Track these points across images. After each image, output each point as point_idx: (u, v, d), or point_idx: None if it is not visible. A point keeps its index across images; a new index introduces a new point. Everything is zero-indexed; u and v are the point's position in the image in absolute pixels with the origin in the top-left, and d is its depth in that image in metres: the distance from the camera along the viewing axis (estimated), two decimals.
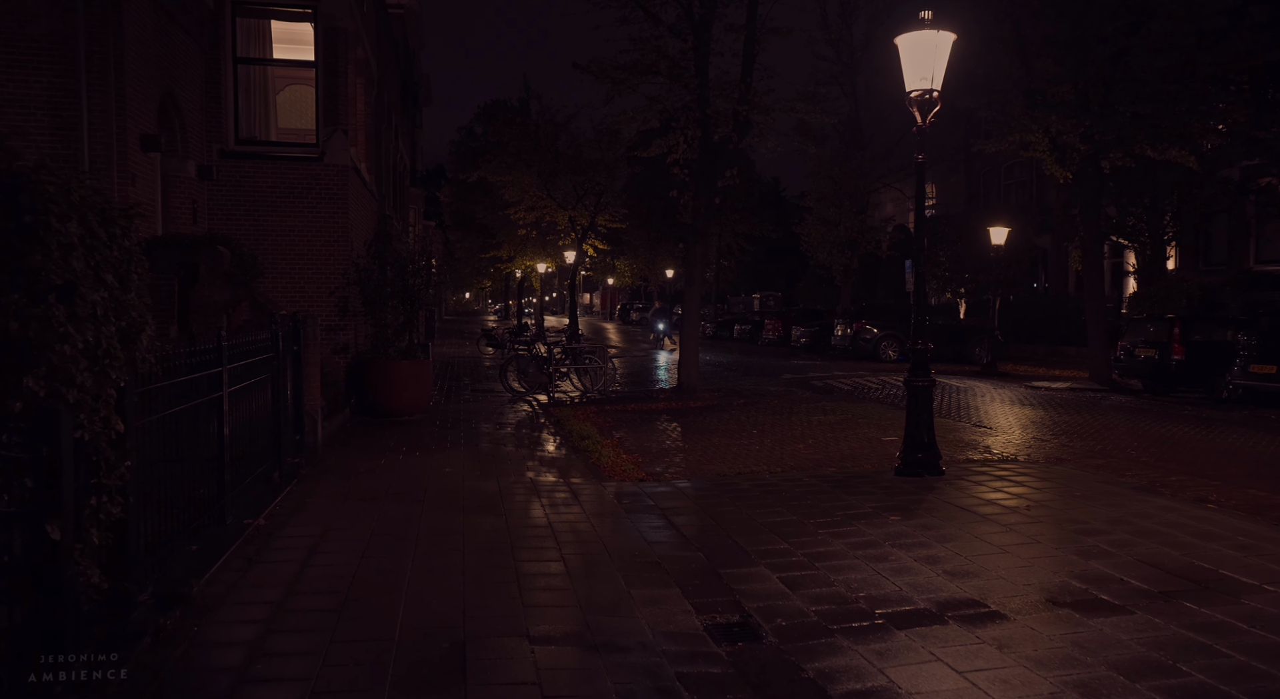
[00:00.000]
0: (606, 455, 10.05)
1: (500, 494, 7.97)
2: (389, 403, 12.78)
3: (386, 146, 21.83)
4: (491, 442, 11.10)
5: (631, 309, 70.48)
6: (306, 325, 9.86)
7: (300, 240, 12.76)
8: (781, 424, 12.97)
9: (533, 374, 16.50)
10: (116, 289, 4.33)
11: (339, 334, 12.92)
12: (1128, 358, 17.09)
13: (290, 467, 8.63)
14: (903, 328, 27.16)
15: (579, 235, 31.16)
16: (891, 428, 12.48)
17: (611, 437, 11.83)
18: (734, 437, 11.84)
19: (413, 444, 10.66)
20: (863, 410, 14.43)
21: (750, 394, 16.93)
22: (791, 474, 9.00)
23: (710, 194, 16.53)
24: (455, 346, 32.87)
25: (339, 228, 12.87)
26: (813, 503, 7.49)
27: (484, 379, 19.89)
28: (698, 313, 16.74)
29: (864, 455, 10.25)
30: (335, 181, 12.83)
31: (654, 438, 11.89)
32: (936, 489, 7.94)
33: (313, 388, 9.97)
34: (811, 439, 11.53)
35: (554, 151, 30.17)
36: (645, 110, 16.47)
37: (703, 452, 10.73)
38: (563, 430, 12.10)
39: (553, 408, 14.76)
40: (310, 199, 12.78)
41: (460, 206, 58.30)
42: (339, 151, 12.84)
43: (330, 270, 12.88)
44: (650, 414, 14.34)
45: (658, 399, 16.13)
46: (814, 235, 30.58)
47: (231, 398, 6.71)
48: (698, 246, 16.46)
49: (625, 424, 13.16)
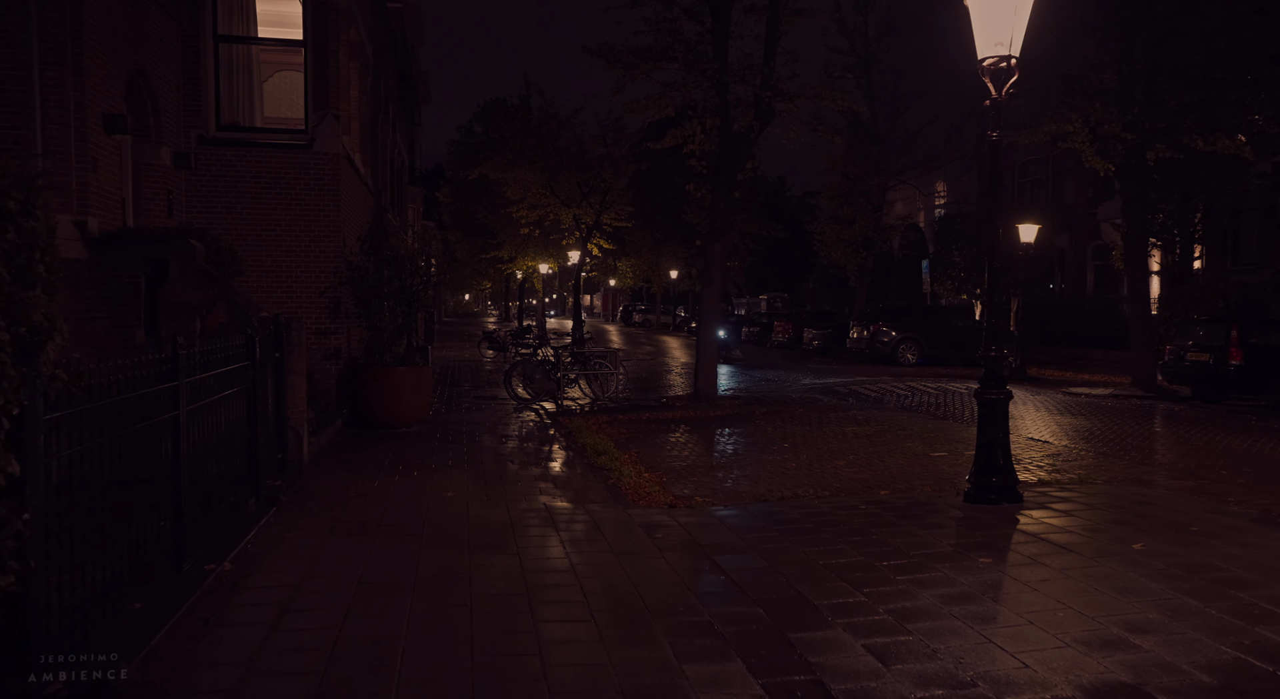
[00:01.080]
0: (627, 475, 8.95)
1: (511, 525, 6.86)
2: (385, 413, 11.67)
3: (384, 140, 20.73)
4: (497, 458, 10.00)
5: (634, 311, 69.40)
6: (291, 329, 8.76)
7: (287, 235, 11.66)
8: (814, 436, 11.87)
9: (539, 380, 15.40)
10: (9, 283, 3.23)
11: (330, 338, 11.82)
12: (1175, 362, 15.98)
13: (270, 491, 7.52)
14: (922, 330, 26.10)
15: (583, 234, 30.07)
16: (936, 441, 11.38)
17: (629, 451, 10.74)
18: (765, 451, 10.73)
19: (410, 461, 9.54)
20: (898, 421, 13.32)
21: (772, 402, 15.82)
22: (842, 499, 7.89)
23: (730, 188, 15.44)
24: (455, 349, 31.77)
25: (330, 222, 11.77)
26: (879, 538, 6.38)
27: (486, 385, 18.79)
28: (716, 315, 15.64)
29: (916, 475, 9.14)
30: (326, 171, 11.73)
31: (676, 452, 10.78)
32: (1019, 521, 6.82)
33: (298, 399, 8.86)
34: (852, 454, 10.42)
35: (557, 148, 29.08)
36: (660, 98, 15.37)
37: (734, 469, 9.63)
38: (575, 444, 11.00)
39: (562, 417, 13.66)
40: (299, 191, 11.67)
41: (460, 207, 57.26)
42: (330, 138, 11.74)
43: (321, 268, 11.78)
44: (667, 425, 13.23)
45: (674, 407, 15.03)
46: (827, 234, 29.48)
47: (192, 416, 5.60)
48: (716, 244, 15.36)
49: (642, 436, 12.06)
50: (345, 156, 12.23)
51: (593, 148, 29.67)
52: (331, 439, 10.80)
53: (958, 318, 27.36)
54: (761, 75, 14.64)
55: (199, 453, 5.84)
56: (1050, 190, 38.03)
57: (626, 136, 29.31)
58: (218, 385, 6.32)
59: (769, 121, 15.08)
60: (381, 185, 20.31)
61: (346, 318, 12.10)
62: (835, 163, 28.62)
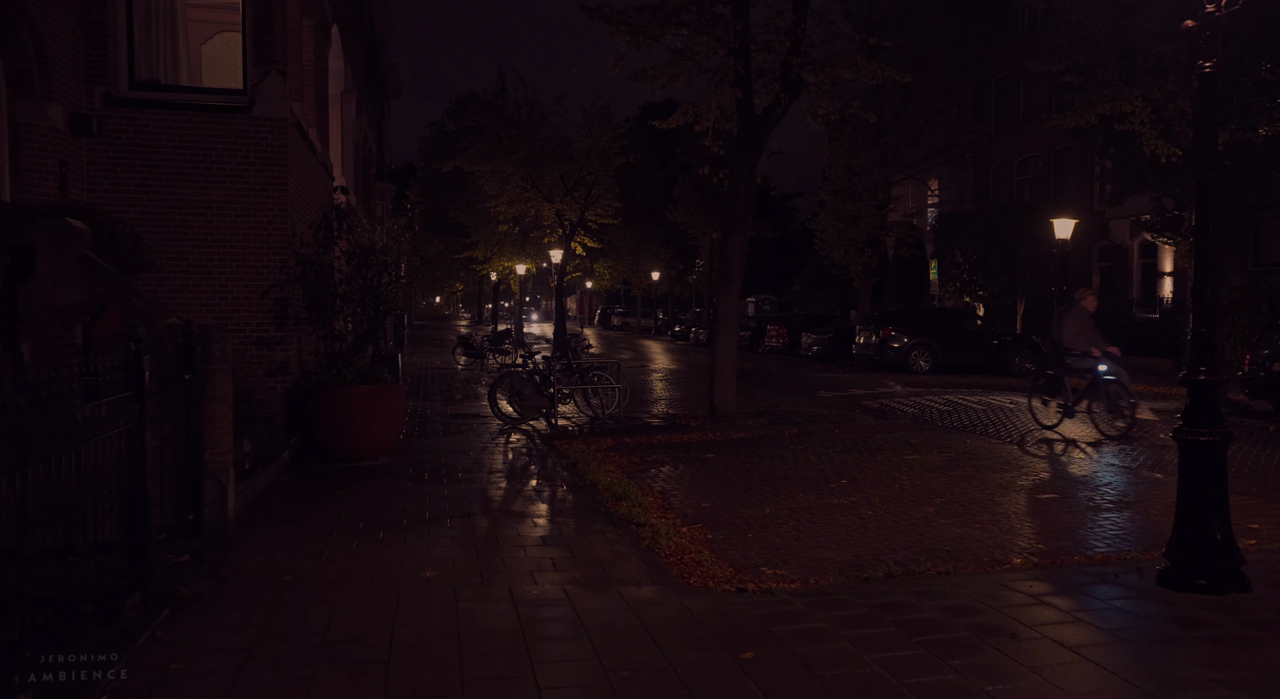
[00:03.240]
0: (664, 533, 6.73)
1: (521, 636, 4.61)
2: (344, 444, 9.37)
3: (349, 120, 18.37)
4: (488, 507, 7.73)
5: (612, 313, 67.15)
6: (211, 341, 6.46)
7: (221, 221, 9.32)
8: (869, 467, 9.72)
9: (529, 396, 13.11)
10: None
11: (274, 349, 9.49)
12: (1255, 373, 14.02)
13: (168, 577, 5.24)
14: (935, 335, 24.10)
15: (567, 232, 27.83)
16: (1025, 474, 9.25)
17: (652, 491, 8.53)
18: (820, 490, 8.54)
19: (375, 514, 7.25)
20: (961, 446, 11.20)
21: (799, 420, 13.65)
22: (969, 577, 5.72)
23: (751, 172, 13.26)
24: (427, 356, 29.36)
25: (275, 205, 9.45)
26: (1098, 665, 4.21)
27: (464, 398, 16.47)
28: (735, 320, 13.45)
29: (1039, 531, 7.01)
30: (270, 141, 9.40)
31: (711, 493, 8.57)
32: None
33: (220, 435, 6.56)
34: (935, 496, 8.26)
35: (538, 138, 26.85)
36: (670, 68, 13.17)
37: (795, 520, 7.43)
38: (583, 481, 8.76)
39: (559, 442, 11.41)
40: (235, 165, 9.34)
41: (431, 206, 54.81)
42: (274, 100, 9.42)
43: (263, 262, 9.46)
44: (687, 451, 11.03)
45: (688, 428, 12.82)
46: (829, 233, 27.42)
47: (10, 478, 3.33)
48: (735, 236, 13.17)
49: (660, 467, 9.85)
50: (295, 125, 9.91)
51: (577, 138, 27.49)
52: (275, 479, 8.48)
53: (970, 322, 25.40)
54: (790, 39, 12.48)
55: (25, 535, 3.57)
56: (1052, 188, 36.33)
57: (614, 125, 27.15)
58: (72, 430, 4.04)
59: (798, 95, 12.93)
60: (347, 172, 17.96)
61: (296, 324, 9.78)
62: (839, 156, 26.58)
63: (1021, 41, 37.69)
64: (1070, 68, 15.53)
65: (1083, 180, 35.02)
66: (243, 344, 9.35)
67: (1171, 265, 31.86)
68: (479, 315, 68.19)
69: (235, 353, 9.22)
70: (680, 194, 45.31)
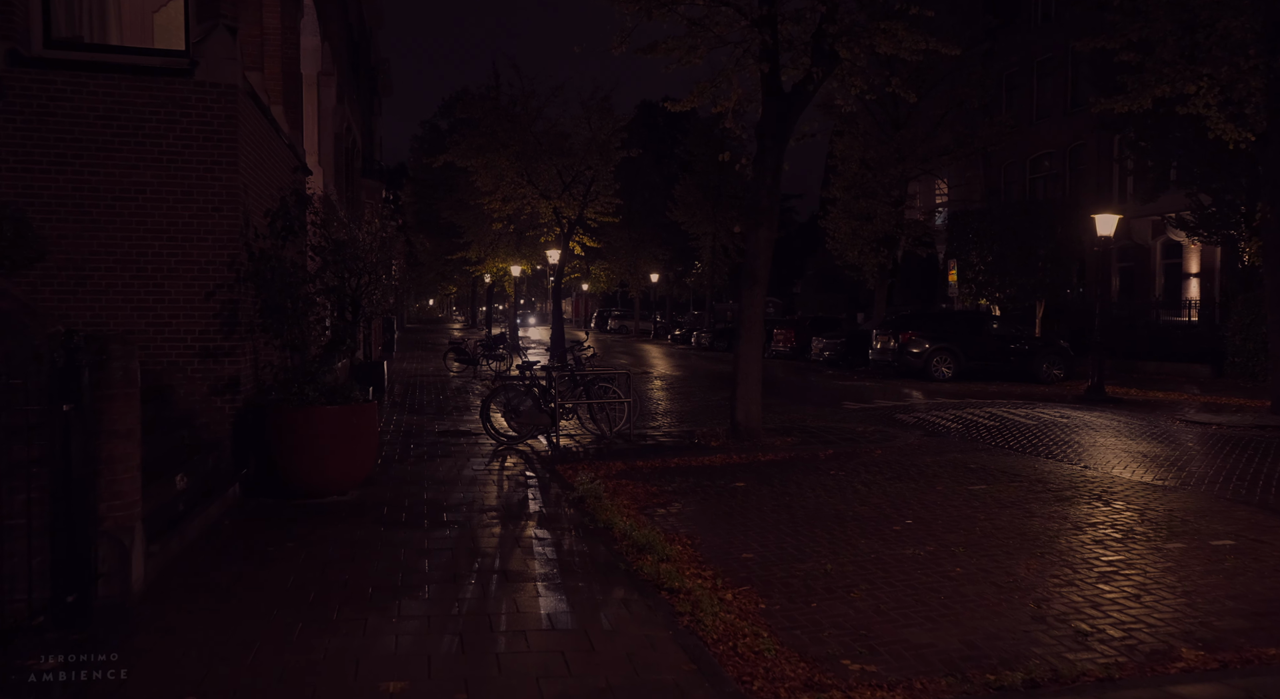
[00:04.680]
0: (706, 604, 5.18)
1: None
2: (306, 476, 7.77)
3: (328, 106, 16.77)
4: (480, 565, 6.13)
5: (609, 316, 65.51)
6: (110, 358, 4.86)
7: (156, 207, 7.71)
8: (932, 501, 8.16)
9: (528, 411, 11.52)
10: None
11: (222, 362, 7.89)
12: None
13: None
14: (958, 339, 22.57)
15: (565, 230, 26.23)
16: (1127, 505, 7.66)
17: (680, 537, 6.96)
18: (884, 535, 6.96)
19: (333, 580, 5.64)
20: (1029, 471, 9.65)
21: (832, 438, 12.09)
22: (1139, 681, 4.17)
23: (779, 156, 11.69)
24: (418, 361, 27.75)
25: (223, 188, 7.85)
26: None
27: (455, 411, 14.88)
28: (760, 324, 11.87)
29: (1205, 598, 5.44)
30: (216, 112, 7.80)
31: (751, 537, 7.00)
32: None
33: (122, 481, 4.96)
34: (1036, 545, 6.69)
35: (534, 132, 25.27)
36: (687, 40, 11.61)
37: (866, 581, 5.85)
38: (596, 525, 7.19)
39: (563, 467, 9.83)
40: (174, 140, 7.74)
41: (423, 206, 53.26)
42: (221, 62, 7.81)
43: (208, 257, 7.85)
44: (710, 477, 9.45)
45: (708, 448, 11.25)
46: (842, 231, 25.86)
47: None
48: (762, 230, 11.60)
49: (685, 501, 8.28)
50: (249, 94, 8.30)
51: (576, 131, 25.92)
52: (215, 523, 6.88)
53: (995, 325, 23.86)
54: (824, 5, 10.94)
55: None
56: (1068, 187, 34.89)
57: (614, 118, 25.58)
58: None
59: (832, 69, 11.38)
60: (326, 165, 16.36)
61: (250, 331, 8.18)
62: (852, 150, 25.05)
63: (1033, 35, 36.31)
64: (1125, 45, 14.00)
65: (1101, 177, 33.58)
66: (183, 356, 7.76)
67: (1198, 266, 30.40)
68: (472, 318, 66.51)
69: (173, 367, 7.62)
70: (681, 193, 43.75)
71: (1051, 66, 36.35)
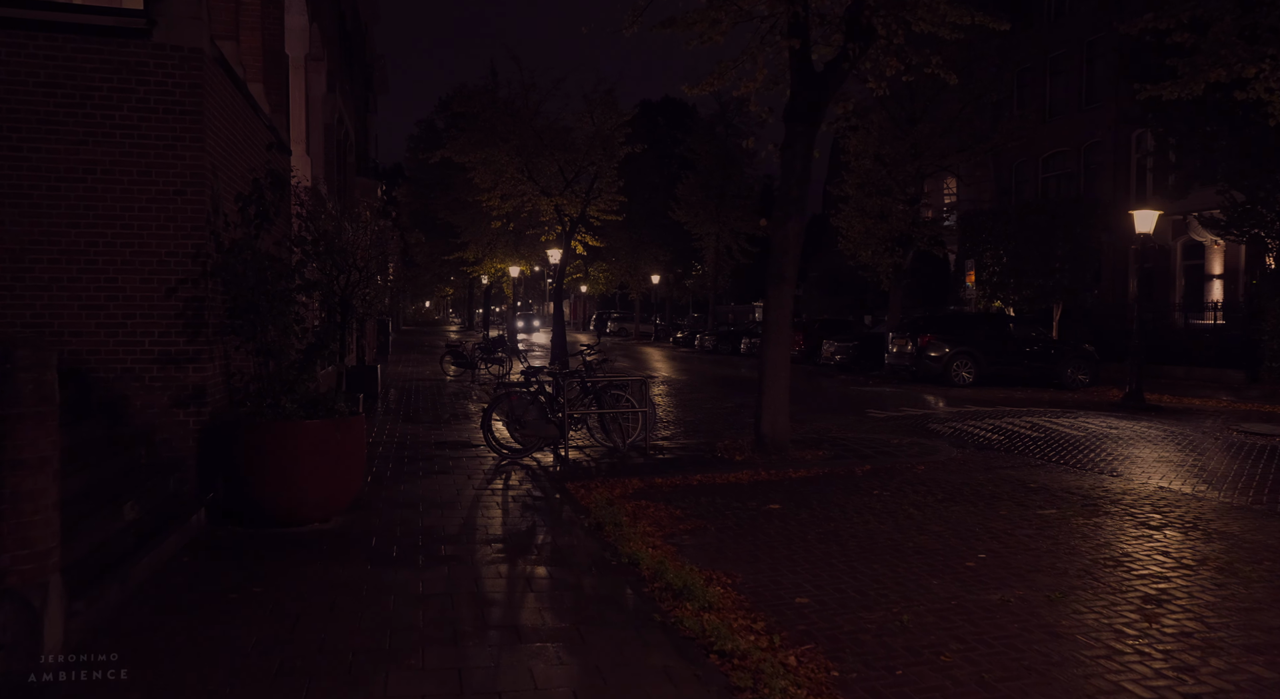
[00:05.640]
0: (770, 677, 4.13)
1: None
2: (282, 501, 6.71)
3: (317, 93, 15.72)
4: (485, 618, 5.06)
5: (608, 319, 64.44)
6: (16, 367, 3.80)
7: (107, 189, 6.66)
8: (1000, 529, 7.12)
9: (534, 422, 10.46)
10: None
11: (186, 369, 6.83)
12: None
13: None
14: (978, 343, 21.54)
15: (567, 228, 25.17)
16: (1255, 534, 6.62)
17: (720, 576, 5.92)
18: (959, 573, 5.91)
19: (304, 641, 4.58)
20: (1096, 490, 8.62)
21: (868, 452, 11.04)
22: None
23: (809, 142, 10.65)
24: (414, 364, 26.69)
25: (187, 169, 6.79)
26: None
27: (452, 419, 13.82)
28: (789, 327, 10.82)
29: None
30: (179, 79, 6.75)
31: (802, 576, 5.94)
32: None
33: (30, 524, 3.90)
34: (1152, 592, 5.65)
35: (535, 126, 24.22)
36: (709, 12, 10.57)
37: (955, 639, 4.80)
38: (619, 558, 6.14)
39: (574, 485, 8.78)
40: (128, 112, 6.68)
41: (419, 206, 52.15)
42: (185, 23, 6.76)
43: (169, 248, 6.80)
44: (739, 497, 8.41)
45: (732, 463, 10.19)
46: (854, 230, 24.84)
47: None
48: (790, 222, 10.56)
49: (716, 528, 7.22)
50: (217, 60, 7.25)
51: (578, 125, 24.87)
52: (170, 562, 5.82)
53: (1016, 328, 22.84)
54: None
55: None
56: (1082, 185, 33.92)
57: (619, 112, 24.54)
58: None
59: (870, 44, 10.35)
60: (315, 157, 15.31)
61: (218, 334, 7.12)
62: (866, 146, 24.03)
63: (1046, 30, 35.34)
64: (1175, 25, 12.98)
65: (1118, 176, 32.62)
66: (139, 362, 6.69)
67: (1221, 267, 29.41)
68: (469, 320, 65.39)
69: (128, 375, 6.56)
70: (684, 192, 42.72)
71: (1065, 62, 35.42)
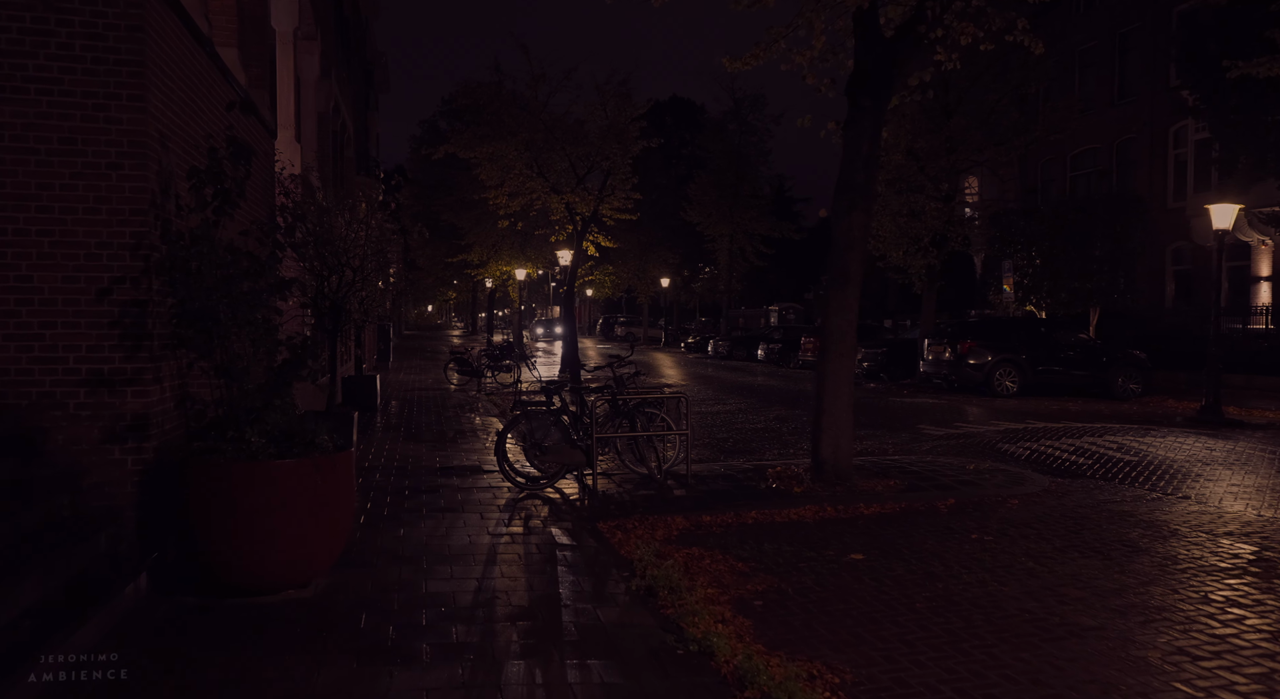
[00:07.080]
0: None
1: None
2: (247, 562, 5.20)
3: (308, 76, 14.22)
4: None
5: (615, 323, 62.92)
6: None
7: (17, 162, 5.15)
8: (1159, 596, 5.58)
9: (555, 445, 8.92)
10: None
11: (124, 394, 5.31)
12: None
13: None
14: (1023, 350, 20.01)
15: (578, 228, 23.66)
16: None
17: (825, 675, 4.39)
18: (1141, 669, 4.36)
19: None
20: (1261, 536, 7.07)
21: (946, 481, 9.48)
22: None
23: (878, 120, 9.12)
24: (416, 372, 25.19)
25: (124, 134, 5.29)
26: None
27: (458, 435, 12.30)
28: (853, 334, 9.27)
29: None
30: (112, 20, 5.25)
31: (930, 674, 4.40)
32: None
33: None
34: None
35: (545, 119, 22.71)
36: None
37: None
38: (685, 643, 4.63)
39: (610, 528, 7.25)
40: (46, 60, 5.18)
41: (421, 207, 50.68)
42: None
43: (102, 238, 5.28)
44: (808, 542, 6.88)
45: (790, 496, 8.64)
46: (885, 229, 23.33)
47: None
48: (856, 214, 9.04)
49: (793, 589, 5.67)
50: (167, 2, 5.74)
51: (591, 117, 23.37)
52: (93, 650, 4.28)
53: (1062, 334, 21.31)
54: None
55: None
56: (1115, 183, 32.40)
57: (634, 104, 23.04)
58: None
59: (950, 5, 8.83)
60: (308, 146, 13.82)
61: (165, 348, 5.60)
62: (898, 139, 22.53)
63: (1074, 24, 33.88)
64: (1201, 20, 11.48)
65: (1155, 173, 31.10)
66: (61, 385, 5.18)
67: (1270, 269, 27.85)
68: (473, 325, 63.88)
69: (46, 401, 5.05)
70: (695, 191, 41.20)
71: (1095, 56, 33.95)
